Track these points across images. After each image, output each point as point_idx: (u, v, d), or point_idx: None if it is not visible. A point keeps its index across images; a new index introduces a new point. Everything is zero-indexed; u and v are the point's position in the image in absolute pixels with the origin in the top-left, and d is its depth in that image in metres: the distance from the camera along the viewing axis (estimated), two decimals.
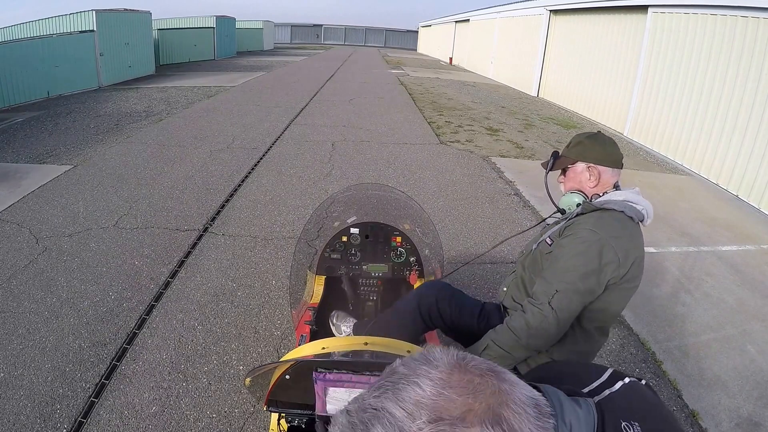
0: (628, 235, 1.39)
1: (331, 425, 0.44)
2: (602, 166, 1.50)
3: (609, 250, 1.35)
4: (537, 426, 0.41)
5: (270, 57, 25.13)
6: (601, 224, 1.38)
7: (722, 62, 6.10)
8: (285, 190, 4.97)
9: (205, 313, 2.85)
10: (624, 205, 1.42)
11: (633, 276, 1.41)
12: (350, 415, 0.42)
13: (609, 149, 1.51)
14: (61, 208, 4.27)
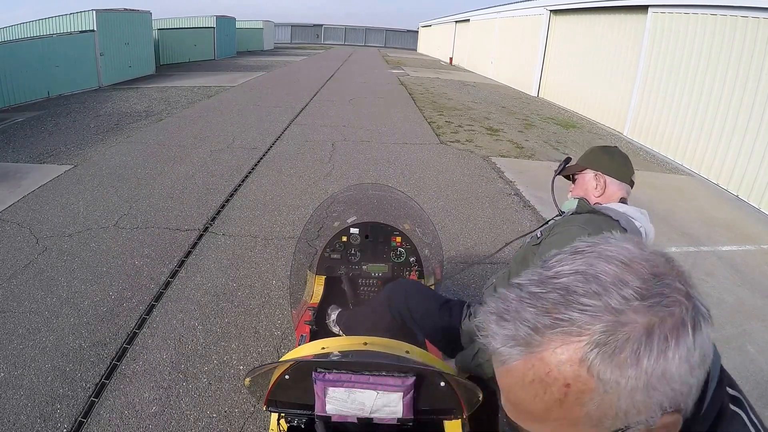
0: None
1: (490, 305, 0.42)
2: (609, 176, 1.50)
3: None
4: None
5: (270, 57, 25.13)
6: (591, 223, 1.34)
7: (722, 62, 6.10)
8: (285, 189, 4.97)
9: (206, 313, 2.85)
10: (620, 216, 1.38)
11: None
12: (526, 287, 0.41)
13: (620, 162, 1.51)
14: (61, 208, 4.27)
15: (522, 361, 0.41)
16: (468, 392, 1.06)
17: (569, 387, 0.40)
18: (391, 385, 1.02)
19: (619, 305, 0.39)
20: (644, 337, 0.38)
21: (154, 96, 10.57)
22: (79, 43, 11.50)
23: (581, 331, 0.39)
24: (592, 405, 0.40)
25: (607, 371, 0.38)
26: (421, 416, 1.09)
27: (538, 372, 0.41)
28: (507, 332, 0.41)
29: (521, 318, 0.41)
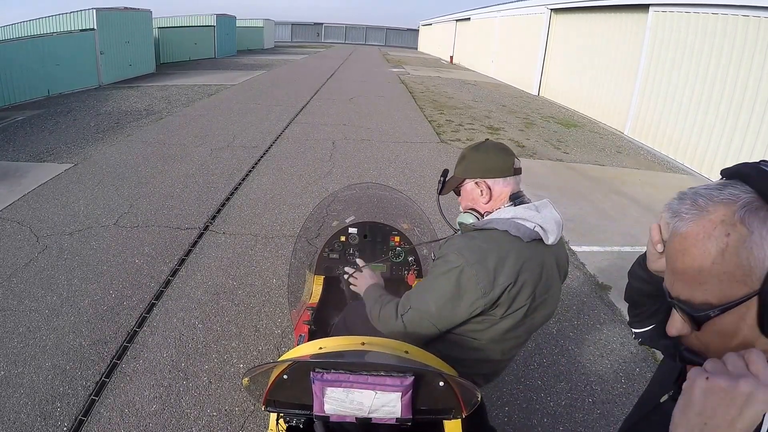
0: (504, 258, 1.19)
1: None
2: (490, 178, 1.34)
3: (469, 279, 1.18)
4: None
5: (270, 56, 25.11)
6: (467, 247, 1.21)
7: (723, 61, 6.09)
8: (285, 188, 4.97)
9: (206, 312, 2.85)
10: (508, 224, 1.24)
11: (511, 303, 1.22)
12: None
13: (495, 157, 1.34)
14: (61, 207, 4.28)
15: (695, 223, 0.57)
16: (467, 392, 1.06)
17: (729, 236, 0.54)
18: (389, 385, 1.02)
19: (750, 193, 0.56)
20: (765, 209, 0.54)
21: (154, 95, 10.57)
22: (79, 41, 11.50)
23: (734, 200, 0.55)
24: (744, 254, 0.54)
25: (754, 222, 0.53)
26: (420, 416, 1.09)
27: (706, 228, 0.56)
28: (686, 205, 0.58)
29: (696, 196, 0.58)
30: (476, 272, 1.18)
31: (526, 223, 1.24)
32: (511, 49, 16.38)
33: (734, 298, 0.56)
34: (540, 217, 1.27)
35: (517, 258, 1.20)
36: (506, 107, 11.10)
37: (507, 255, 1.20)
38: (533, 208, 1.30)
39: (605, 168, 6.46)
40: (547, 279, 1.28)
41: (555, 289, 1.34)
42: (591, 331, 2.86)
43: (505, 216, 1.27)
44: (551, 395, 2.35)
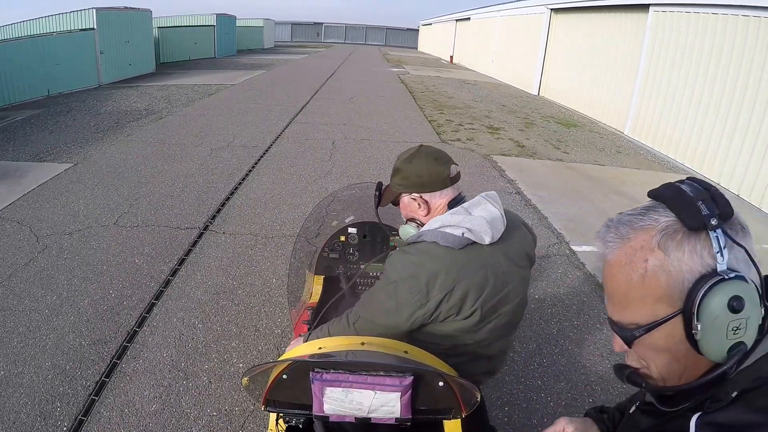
0: (436, 270, 1.18)
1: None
2: (426, 193, 1.32)
3: (404, 293, 1.19)
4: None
5: (270, 55, 25.11)
6: (400, 262, 1.23)
7: (723, 62, 6.09)
8: (285, 188, 4.97)
9: (206, 311, 2.85)
10: (436, 235, 1.21)
11: (456, 311, 1.21)
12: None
13: (428, 171, 1.30)
14: (61, 206, 4.28)
15: (618, 251, 0.61)
16: (467, 392, 1.06)
17: (647, 262, 0.58)
18: (388, 385, 1.02)
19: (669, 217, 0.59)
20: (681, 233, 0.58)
21: (154, 94, 10.57)
22: (79, 41, 11.50)
23: (653, 226, 0.59)
24: (663, 277, 0.57)
25: (671, 246, 0.57)
26: (420, 416, 1.08)
27: (627, 255, 0.60)
28: (611, 234, 0.63)
29: (619, 224, 0.62)
30: (409, 286, 1.19)
31: (454, 231, 1.20)
32: (511, 48, 16.38)
33: (659, 318, 0.59)
34: (470, 219, 1.21)
35: (449, 268, 1.18)
36: (506, 107, 11.10)
37: (439, 267, 1.18)
38: (462, 212, 1.24)
39: (605, 168, 6.46)
40: (496, 278, 1.24)
41: (515, 282, 1.29)
42: (591, 331, 2.86)
43: (433, 227, 1.24)
44: (551, 395, 2.35)
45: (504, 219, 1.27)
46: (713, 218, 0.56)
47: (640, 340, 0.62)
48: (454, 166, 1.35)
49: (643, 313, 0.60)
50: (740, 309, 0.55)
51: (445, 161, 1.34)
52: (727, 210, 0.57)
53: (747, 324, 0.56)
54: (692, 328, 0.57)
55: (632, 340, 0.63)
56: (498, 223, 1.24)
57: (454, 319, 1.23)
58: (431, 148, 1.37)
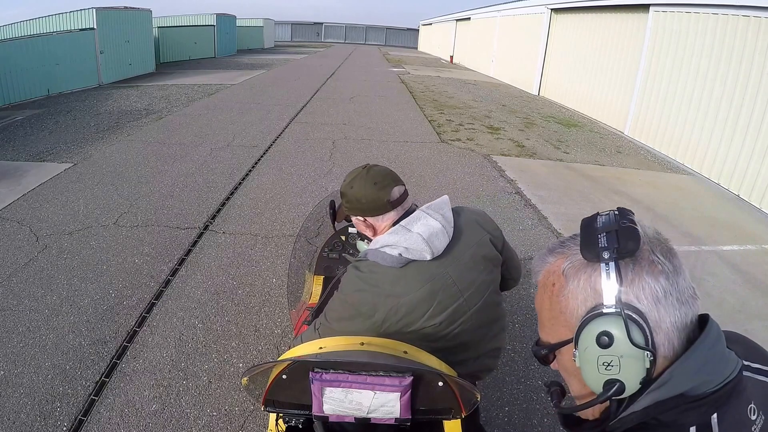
0: (379, 288, 1.21)
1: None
2: (369, 216, 1.33)
3: (353, 306, 1.24)
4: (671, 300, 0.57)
5: (270, 55, 25.10)
6: (349, 278, 1.27)
7: (723, 62, 6.09)
8: (286, 188, 4.97)
9: (206, 311, 2.85)
10: (377, 255, 1.23)
11: (408, 323, 1.23)
12: None
13: (367, 196, 1.30)
14: (61, 206, 4.27)
15: (540, 274, 0.66)
16: (466, 392, 1.06)
17: (554, 286, 0.63)
18: (388, 385, 1.02)
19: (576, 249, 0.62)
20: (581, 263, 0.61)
21: (154, 94, 10.56)
22: (79, 41, 11.49)
23: (566, 253, 0.63)
24: (563, 302, 0.61)
25: (570, 273, 0.61)
26: (419, 416, 1.08)
27: (544, 277, 0.65)
28: (540, 259, 0.67)
29: (548, 250, 0.67)
30: (358, 299, 1.23)
31: (391, 252, 1.21)
32: (512, 48, 16.37)
33: (560, 341, 0.63)
34: (407, 238, 1.21)
35: (391, 286, 1.21)
36: (506, 107, 11.09)
37: (381, 285, 1.21)
38: (401, 230, 1.23)
39: (605, 168, 6.46)
40: (445, 290, 1.24)
41: (471, 289, 1.28)
42: None
43: (374, 247, 1.25)
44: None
45: (447, 230, 1.25)
46: (606, 251, 0.57)
47: (557, 360, 0.66)
48: (396, 189, 1.32)
49: (552, 334, 0.64)
50: (607, 345, 0.56)
51: (384, 185, 1.31)
52: (627, 245, 0.57)
53: (620, 363, 0.56)
54: (573, 354, 0.60)
55: (538, 356, 0.67)
56: (438, 238, 1.23)
57: (409, 330, 1.25)
58: (375, 170, 1.34)
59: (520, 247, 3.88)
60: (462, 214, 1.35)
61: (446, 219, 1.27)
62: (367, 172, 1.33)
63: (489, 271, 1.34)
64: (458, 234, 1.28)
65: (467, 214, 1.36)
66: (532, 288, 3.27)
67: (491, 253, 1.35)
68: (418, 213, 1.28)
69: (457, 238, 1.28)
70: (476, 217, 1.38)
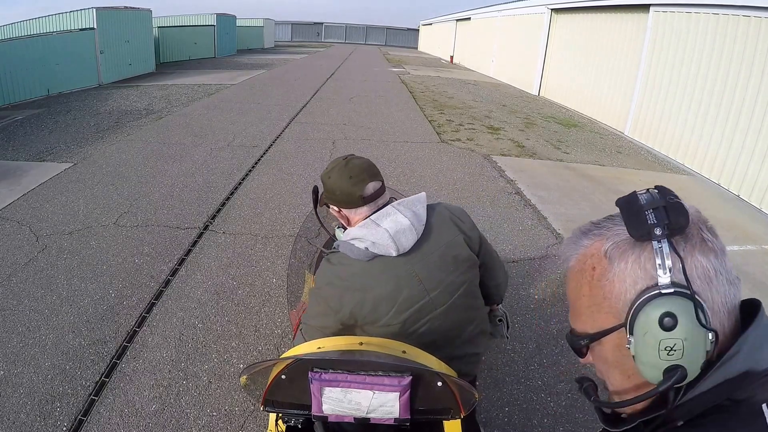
0: (347, 281, 1.24)
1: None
2: (344, 208, 1.34)
3: (324, 300, 1.27)
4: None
5: (270, 55, 25.10)
6: (322, 271, 1.30)
7: (724, 62, 6.08)
8: (286, 188, 4.97)
9: (206, 311, 2.85)
10: (346, 247, 1.25)
11: (373, 319, 1.25)
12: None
13: (342, 189, 1.31)
14: (61, 206, 4.27)
15: (574, 259, 0.62)
16: (465, 392, 1.06)
17: (595, 270, 0.58)
18: (387, 385, 1.02)
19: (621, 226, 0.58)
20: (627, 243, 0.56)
21: (154, 94, 10.56)
22: (79, 40, 11.49)
23: (606, 234, 0.58)
24: (607, 287, 0.57)
25: (615, 255, 0.56)
26: (419, 416, 1.08)
27: (580, 262, 0.60)
28: (572, 242, 0.63)
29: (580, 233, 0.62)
30: (328, 293, 1.26)
31: (359, 245, 1.23)
32: (512, 48, 16.37)
33: (603, 329, 0.58)
34: (374, 233, 1.22)
35: (358, 279, 1.23)
36: (506, 107, 11.09)
37: (348, 279, 1.24)
38: (370, 224, 1.25)
39: (605, 168, 6.46)
40: (411, 288, 1.25)
41: (439, 288, 1.28)
42: None
43: (345, 239, 1.28)
44: (551, 395, 2.35)
45: (416, 227, 1.25)
46: (658, 228, 0.53)
47: (594, 352, 0.62)
48: (371, 185, 1.31)
49: (592, 322, 0.60)
50: (671, 327, 0.52)
51: (359, 180, 1.30)
52: (679, 221, 0.53)
53: (684, 346, 0.52)
54: (627, 342, 0.55)
55: (577, 348, 0.63)
56: (405, 235, 1.23)
57: (375, 326, 1.26)
58: (353, 164, 1.33)
59: (519, 248, 3.88)
60: (436, 212, 1.34)
61: (417, 216, 1.26)
62: (345, 165, 1.33)
63: (461, 272, 1.32)
64: (429, 232, 1.28)
65: (442, 213, 1.35)
66: (531, 287, 3.27)
67: (464, 253, 1.33)
68: (388, 208, 1.28)
69: (427, 236, 1.27)
70: (452, 216, 1.36)
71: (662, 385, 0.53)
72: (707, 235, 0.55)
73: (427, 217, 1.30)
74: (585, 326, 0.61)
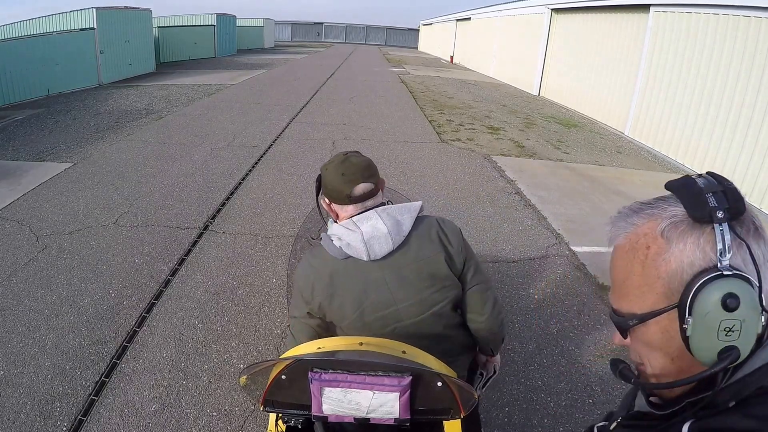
0: (320, 275, 1.26)
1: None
2: (333, 203, 1.34)
3: (297, 290, 1.31)
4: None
5: (271, 55, 25.10)
6: (302, 261, 1.33)
7: (724, 62, 6.08)
8: (286, 188, 4.97)
9: (206, 311, 2.85)
10: (325, 242, 1.27)
11: (339, 316, 1.27)
12: None
13: (333, 184, 1.31)
14: (61, 206, 4.27)
15: (625, 237, 0.61)
16: (465, 392, 1.06)
17: (649, 249, 0.57)
18: (387, 385, 1.02)
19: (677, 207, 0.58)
20: (686, 224, 0.56)
21: (154, 94, 10.57)
22: (79, 40, 11.49)
23: (660, 214, 0.58)
24: (663, 267, 0.56)
25: (673, 235, 0.56)
26: (419, 416, 1.08)
27: (632, 241, 0.59)
28: (622, 221, 0.62)
29: (631, 212, 0.62)
30: (301, 284, 1.29)
31: (336, 242, 1.24)
32: (512, 49, 16.37)
33: (654, 309, 0.57)
34: (351, 235, 1.23)
35: (329, 275, 1.25)
36: (507, 107, 11.09)
37: (322, 272, 1.26)
38: (350, 224, 1.25)
39: (605, 168, 6.46)
40: (379, 295, 1.25)
41: (408, 301, 1.26)
42: (591, 331, 2.86)
43: (328, 233, 1.30)
44: (551, 395, 2.35)
45: (393, 237, 1.23)
46: (720, 211, 0.53)
47: (636, 333, 0.61)
48: (362, 186, 1.29)
49: (641, 302, 0.59)
50: (734, 308, 0.52)
51: (351, 179, 1.29)
52: (738, 206, 0.54)
53: (742, 327, 0.53)
54: (684, 322, 0.55)
55: (626, 329, 0.61)
56: (379, 242, 1.22)
57: (340, 326, 1.29)
58: (350, 162, 1.32)
59: (519, 248, 3.88)
60: (425, 225, 1.30)
61: (398, 225, 1.25)
62: (342, 162, 1.32)
63: (436, 289, 1.29)
64: (409, 244, 1.26)
65: (431, 227, 1.31)
66: (531, 287, 3.27)
67: (442, 271, 1.29)
68: (371, 213, 1.27)
69: (406, 248, 1.26)
70: (440, 233, 1.31)
71: (717, 365, 0.53)
72: (759, 223, 0.56)
73: (414, 228, 1.27)
74: (632, 306, 0.60)
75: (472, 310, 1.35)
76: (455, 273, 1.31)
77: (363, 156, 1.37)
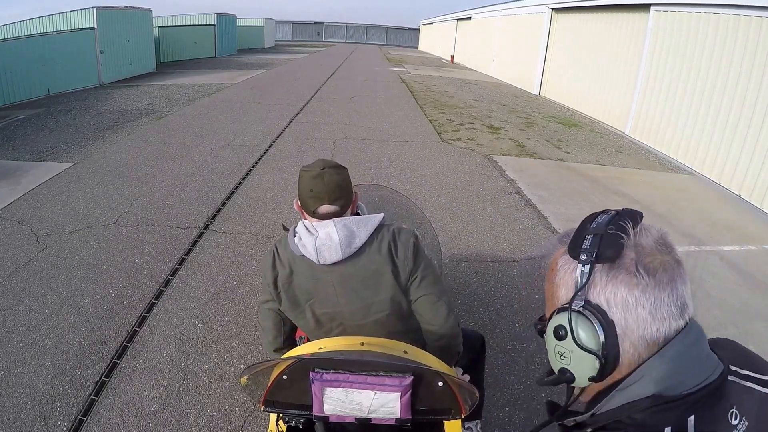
0: (282, 260, 1.34)
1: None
2: (302, 207, 1.39)
3: (262, 273, 1.40)
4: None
5: (271, 54, 25.09)
6: (270, 247, 1.40)
7: (725, 61, 6.08)
8: (286, 187, 4.97)
9: (206, 311, 2.85)
10: (290, 235, 1.34)
11: (293, 302, 1.35)
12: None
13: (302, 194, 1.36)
14: (61, 206, 4.27)
15: (551, 258, 0.70)
16: (466, 392, 1.06)
17: (552, 271, 0.68)
18: (388, 385, 1.02)
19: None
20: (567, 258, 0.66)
21: (154, 93, 10.56)
22: (79, 40, 11.49)
23: (565, 245, 0.66)
24: (554, 286, 0.66)
25: (560, 264, 0.65)
26: (420, 416, 1.08)
27: (552, 261, 0.69)
28: (549, 247, 0.72)
29: (555, 239, 0.70)
30: (267, 268, 1.37)
31: (296, 239, 1.32)
32: (512, 48, 16.36)
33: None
34: (308, 237, 1.29)
35: (289, 264, 1.33)
36: (507, 107, 11.08)
37: (284, 259, 1.34)
38: (310, 227, 1.31)
39: (606, 168, 6.45)
40: (326, 295, 1.32)
41: (352, 307, 1.31)
42: None
43: (294, 228, 1.36)
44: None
45: (343, 249, 1.26)
46: (585, 254, 0.61)
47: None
48: (325, 207, 1.33)
49: (548, 313, 0.69)
50: (561, 338, 0.62)
51: (317, 198, 1.33)
52: (606, 253, 0.60)
53: (571, 357, 0.61)
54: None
55: (537, 331, 0.72)
56: (329, 250, 1.27)
57: (296, 318, 1.37)
58: (324, 180, 1.34)
59: (519, 247, 3.88)
60: (380, 238, 1.32)
61: (351, 237, 1.28)
62: (315, 177, 1.36)
63: (379, 299, 1.32)
64: (359, 256, 1.30)
65: (383, 240, 1.32)
66: (531, 287, 3.27)
67: (387, 282, 1.31)
68: (329, 222, 1.30)
69: (356, 259, 1.29)
70: (391, 245, 1.32)
71: (553, 377, 0.65)
72: (637, 270, 0.59)
73: (369, 240, 1.30)
74: (547, 314, 0.70)
75: (423, 320, 1.37)
76: (400, 285, 1.33)
77: (340, 172, 1.39)
